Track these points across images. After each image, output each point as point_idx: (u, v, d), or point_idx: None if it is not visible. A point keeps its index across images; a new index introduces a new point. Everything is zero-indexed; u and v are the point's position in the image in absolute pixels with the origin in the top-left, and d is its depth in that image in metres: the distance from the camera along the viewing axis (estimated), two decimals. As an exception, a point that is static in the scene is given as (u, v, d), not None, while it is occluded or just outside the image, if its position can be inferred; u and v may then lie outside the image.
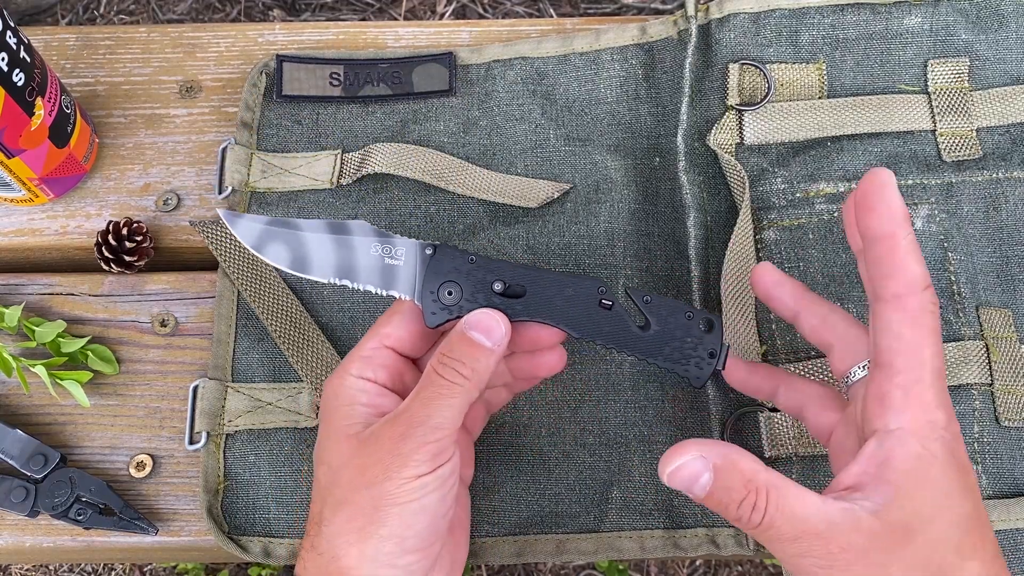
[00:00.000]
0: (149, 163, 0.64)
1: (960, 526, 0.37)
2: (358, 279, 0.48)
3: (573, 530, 0.53)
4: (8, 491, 0.53)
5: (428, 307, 0.46)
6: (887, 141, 0.60)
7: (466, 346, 0.44)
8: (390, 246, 0.48)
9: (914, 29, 0.62)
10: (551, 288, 0.46)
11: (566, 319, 0.46)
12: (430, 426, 0.43)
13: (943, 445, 0.37)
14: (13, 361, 0.56)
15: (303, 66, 0.64)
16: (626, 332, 0.46)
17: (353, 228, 0.48)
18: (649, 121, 0.63)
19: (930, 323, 0.39)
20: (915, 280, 0.39)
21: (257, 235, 0.48)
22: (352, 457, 0.44)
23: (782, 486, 0.38)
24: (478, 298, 0.46)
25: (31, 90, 0.55)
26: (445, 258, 0.47)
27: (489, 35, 0.67)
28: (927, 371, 0.38)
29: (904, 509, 0.37)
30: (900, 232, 0.40)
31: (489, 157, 0.62)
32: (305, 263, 0.48)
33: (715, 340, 0.46)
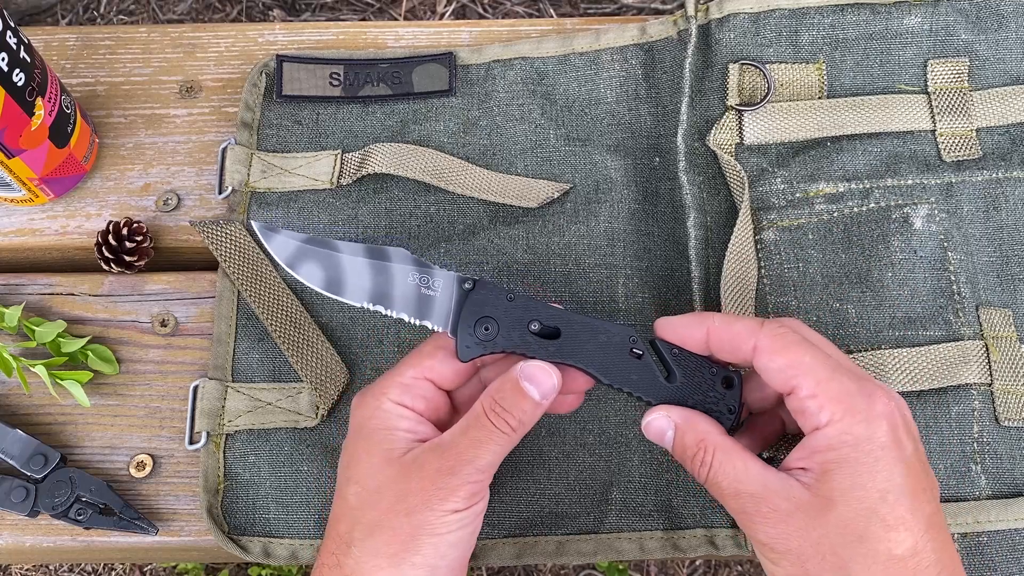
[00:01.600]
0: (149, 163, 0.64)
1: (885, 500, 0.40)
2: (392, 307, 0.48)
3: (573, 531, 0.53)
4: (8, 491, 0.53)
5: (463, 340, 0.47)
6: (887, 141, 0.60)
7: (519, 397, 0.45)
8: (428, 276, 0.48)
9: (914, 29, 0.62)
10: (585, 333, 0.47)
11: (597, 365, 0.47)
12: (476, 466, 0.44)
13: (866, 424, 0.41)
14: (13, 361, 0.56)
15: (303, 66, 0.64)
16: (653, 382, 0.47)
17: (392, 255, 0.49)
18: (649, 121, 0.63)
19: (790, 339, 0.43)
20: (749, 328, 0.44)
21: (292, 252, 0.49)
22: (392, 481, 0.44)
23: (729, 448, 0.44)
24: (514, 336, 0.47)
25: (31, 90, 0.55)
26: (483, 293, 0.47)
27: (489, 35, 0.67)
28: (820, 370, 0.42)
29: (828, 484, 0.41)
30: (709, 323, 0.45)
31: (489, 157, 0.62)
32: (340, 285, 0.48)
33: (735, 397, 0.47)
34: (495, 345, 0.46)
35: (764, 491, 0.42)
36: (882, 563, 0.40)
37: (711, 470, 0.44)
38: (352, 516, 0.44)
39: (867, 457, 0.41)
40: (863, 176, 0.59)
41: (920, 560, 0.40)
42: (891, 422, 0.41)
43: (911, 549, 0.40)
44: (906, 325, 0.54)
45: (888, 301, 0.55)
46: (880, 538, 0.40)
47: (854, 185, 0.58)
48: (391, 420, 0.46)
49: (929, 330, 0.54)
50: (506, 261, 0.58)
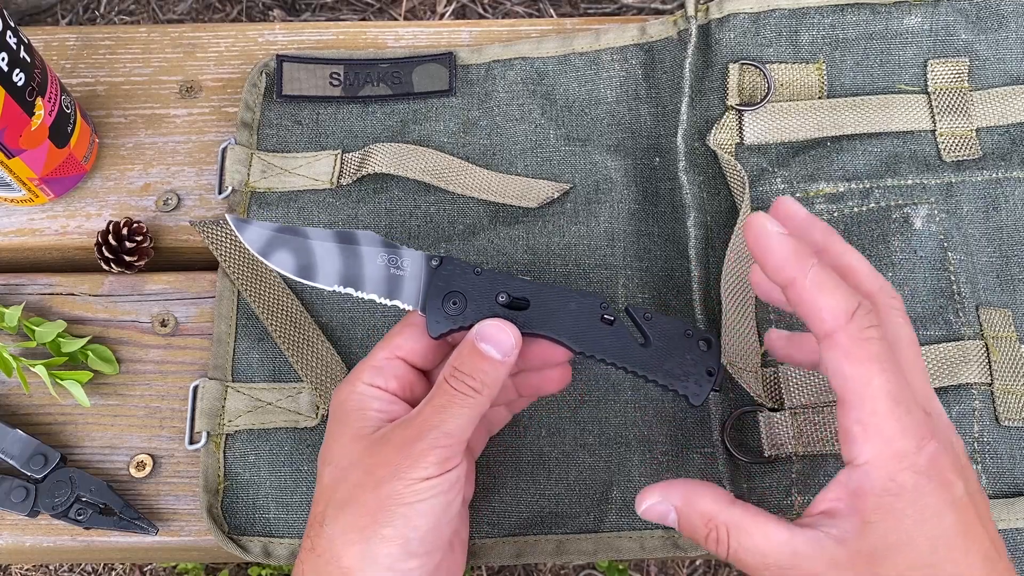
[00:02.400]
0: (149, 163, 0.64)
1: (936, 549, 0.37)
2: (363, 288, 0.49)
3: (573, 530, 0.53)
4: (8, 491, 0.53)
5: (432, 316, 0.47)
6: (887, 141, 0.60)
7: (476, 358, 0.45)
8: (396, 257, 0.48)
9: (914, 29, 0.62)
10: (554, 302, 0.47)
11: (568, 333, 0.46)
12: (442, 431, 0.43)
13: (913, 473, 0.37)
14: (13, 361, 0.56)
15: (303, 66, 0.64)
16: (627, 348, 0.46)
17: (360, 238, 0.49)
18: (649, 121, 0.63)
19: (871, 349, 0.38)
20: (835, 314, 0.39)
21: (264, 241, 0.49)
22: (361, 458, 0.44)
23: (743, 522, 0.40)
24: (482, 310, 0.47)
25: (31, 90, 0.55)
26: (450, 270, 0.47)
27: (489, 35, 0.67)
28: (880, 401, 0.38)
29: (870, 539, 0.37)
30: (798, 275, 0.39)
31: (489, 157, 0.62)
32: (310, 270, 0.49)
33: (713, 358, 0.46)
34: (464, 319, 0.47)
35: (795, 559, 0.39)
36: None
37: (731, 550, 0.40)
38: (325, 496, 0.44)
39: (912, 508, 0.37)
40: (863, 176, 0.59)
41: None
42: (939, 465, 0.38)
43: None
44: (906, 325, 0.54)
45: (888, 301, 0.55)
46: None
47: (854, 185, 0.58)
48: (363, 401, 0.46)
49: (929, 330, 0.54)
50: (506, 261, 0.58)
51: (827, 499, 0.39)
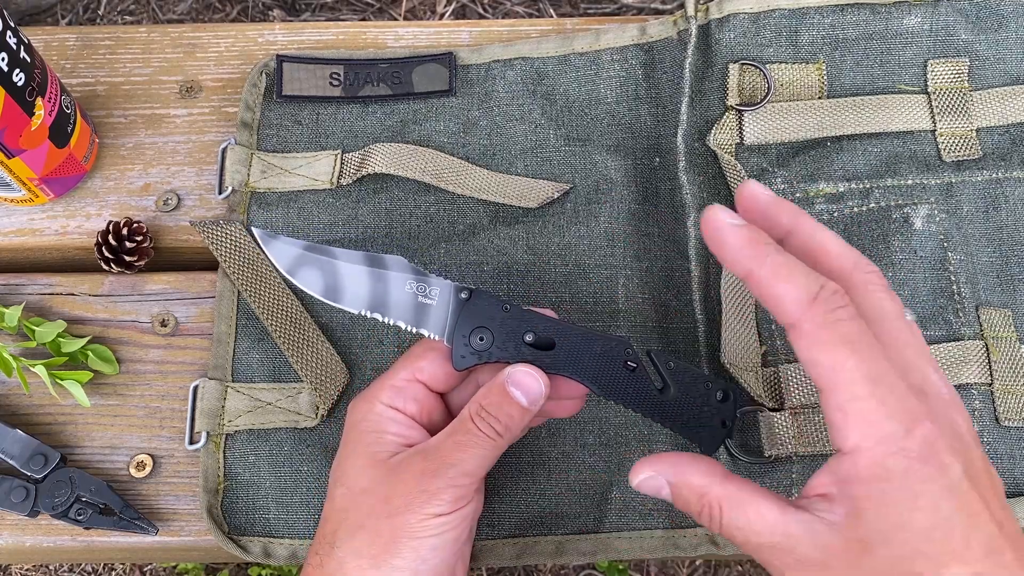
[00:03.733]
0: (149, 163, 0.64)
1: (932, 538, 0.35)
2: (389, 314, 0.49)
3: (573, 531, 0.53)
4: (8, 491, 0.53)
5: (458, 350, 0.47)
6: (887, 141, 0.60)
7: (505, 402, 0.45)
8: (425, 285, 0.49)
9: (914, 29, 0.62)
10: (580, 344, 0.47)
11: (592, 376, 0.47)
12: (460, 470, 0.44)
13: (903, 458, 0.36)
14: (13, 361, 0.56)
15: (303, 66, 0.64)
16: (647, 395, 0.47)
17: (390, 263, 0.49)
18: (649, 121, 0.63)
19: (840, 331, 0.36)
20: (797, 300, 0.37)
21: (292, 259, 0.49)
22: (377, 484, 0.44)
23: (736, 498, 0.39)
24: (508, 347, 0.47)
25: (31, 90, 0.55)
26: (479, 303, 0.48)
27: (489, 35, 0.67)
28: (858, 385, 0.36)
29: (861, 527, 0.36)
30: (754, 266, 0.38)
31: (489, 157, 0.62)
32: (338, 292, 0.49)
33: (729, 411, 0.47)
34: (490, 355, 0.47)
35: (787, 540, 0.37)
36: None
37: (723, 527, 0.39)
38: (337, 517, 0.44)
39: (904, 493, 0.35)
40: (863, 176, 0.59)
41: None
42: (934, 447, 0.36)
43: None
44: (906, 325, 0.54)
45: (888, 301, 0.55)
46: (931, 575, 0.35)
47: (854, 185, 0.58)
48: (381, 423, 0.46)
49: (929, 330, 0.54)
50: (506, 261, 0.58)
51: (821, 483, 0.38)
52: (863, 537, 0.36)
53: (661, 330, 0.57)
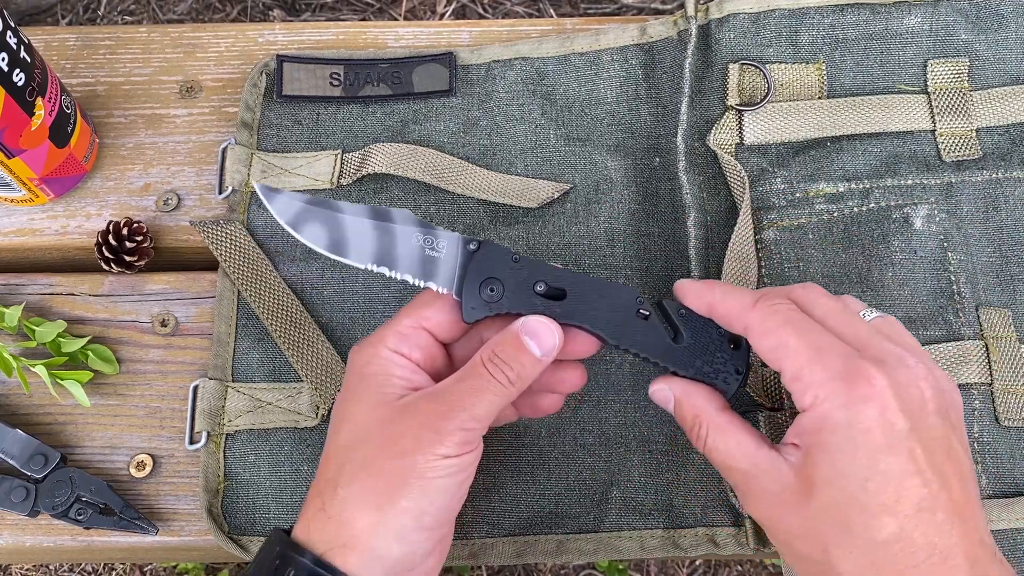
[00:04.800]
0: (149, 163, 0.64)
1: (865, 487, 0.39)
2: (396, 268, 0.48)
3: (573, 530, 0.53)
4: (8, 491, 0.53)
5: (468, 302, 0.47)
6: (887, 141, 0.60)
7: (518, 350, 0.45)
8: (432, 237, 0.48)
9: (914, 29, 0.62)
10: (591, 294, 0.47)
11: (604, 325, 0.47)
12: (471, 414, 0.43)
13: (845, 410, 0.40)
14: (13, 361, 0.56)
15: (303, 66, 0.64)
16: (660, 343, 0.47)
17: (395, 216, 0.49)
18: (649, 121, 0.63)
19: (780, 317, 0.43)
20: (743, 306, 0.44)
21: (294, 213, 0.48)
22: (385, 423, 0.44)
23: (723, 425, 0.45)
24: (519, 298, 0.47)
25: (31, 90, 0.55)
26: (488, 255, 0.47)
27: (489, 35, 0.67)
28: (803, 353, 0.41)
29: (810, 468, 0.41)
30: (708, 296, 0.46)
31: (489, 157, 0.62)
32: (342, 246, 0.48)
33: (741, 358, 0.47)
34: (500, 306, 0.46)
35: (754, 470, 0.43)
36: (862, 548, 0.39)
37: (705, 445, 0.45)
38: (341, 456, 0.44)
39: (847, 443, 0.40)
40: (863, 176, 0.59)
41: (906, 544, 0.39)
42: (879, 403, 0.40)
43: (895, 535, 0.39)
44: (906, 325, 0.54)
45: (888, 301, 0.55)
46: (861, 524, 0.39)
47: (854, 185, 0.58)
48: (387, 366, 0.46)
49: (929, 330, 0.54)
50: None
51: (789, 435, 0.43)
52: (810, 478, 0.41)
53: (661, 330, 0.57)
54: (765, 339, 0.43)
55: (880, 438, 0.39)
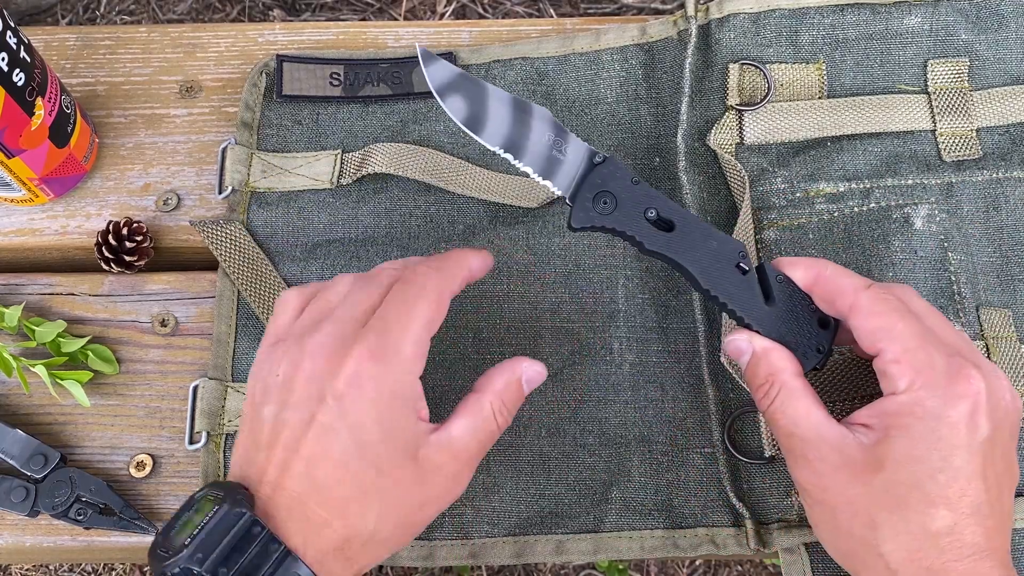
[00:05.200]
0: (149, 163, 0.64)
1: (935, 478, 0.40)
2: (522, 158, 0.49)
3: (573, 530, 0.53)
4: (8, 491, 0.53)
5: (580, 209, 0.47)
6: (887, 141, 0.60)
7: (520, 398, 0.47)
8: (562, 141, 0.49)
9: (914, 29, 0.62)
10: (697, 235, 0.47)
11: (701, 268, 0.47)
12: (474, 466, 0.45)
13: (940, 401, 0.41)
14: (13, 361, 0.56)
15: (303, 66, 0.64)
16: (752, 301, 0.47)
17: (535, 111, 0.49)
18: (649, 121, 0.63)
19: (890, 305, 0.44)
20: (855, 287, 0.45)
21: (445, 81, 0.49)
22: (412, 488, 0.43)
23: (795, 390, 0.45)
24: (631, 217, 0.47)
25: (31, 90, 0.55)
26: (610, 169, 0.48)
27: (489, 35, 0.67)
28: (909, 339, 0.43)
29: (882, 449, 0.42)
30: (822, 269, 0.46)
31: (489, 157, 0.62)
32: (479, 124, 0.48)
33: (827, 338, 0.47)
34: (610, 220, 0.47)
35: (817, 440, 0.43)
36: (913, 533, 0.40)
37: (772, 405, 0.45)
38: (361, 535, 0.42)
39: (930, 433, 0.41)
40: (863, 176, 0.59)
41: (956, 539, 0.40)
42: (972, 403, 0.41)
43: (948, 528, 0.40)
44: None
45: (888, 301, 0.55)
46: (918, 510, 0.40)
47: (854, 185, 0.58)
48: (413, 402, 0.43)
49: (929, 330, 0.54)
50: (506, 261, 0.58)
51: (864, 415, 0.43)
52: (881, 456, 0.41)
53: (661, 330, 0.57)
54: (872, 319, 0.44)
55: (963, 436, 0.41)
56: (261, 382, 0.43)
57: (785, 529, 0.51)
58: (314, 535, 0.40)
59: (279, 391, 0.42)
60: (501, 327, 0.57)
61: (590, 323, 0.57)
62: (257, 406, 0.43)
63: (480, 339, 0.57)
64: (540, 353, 0.56)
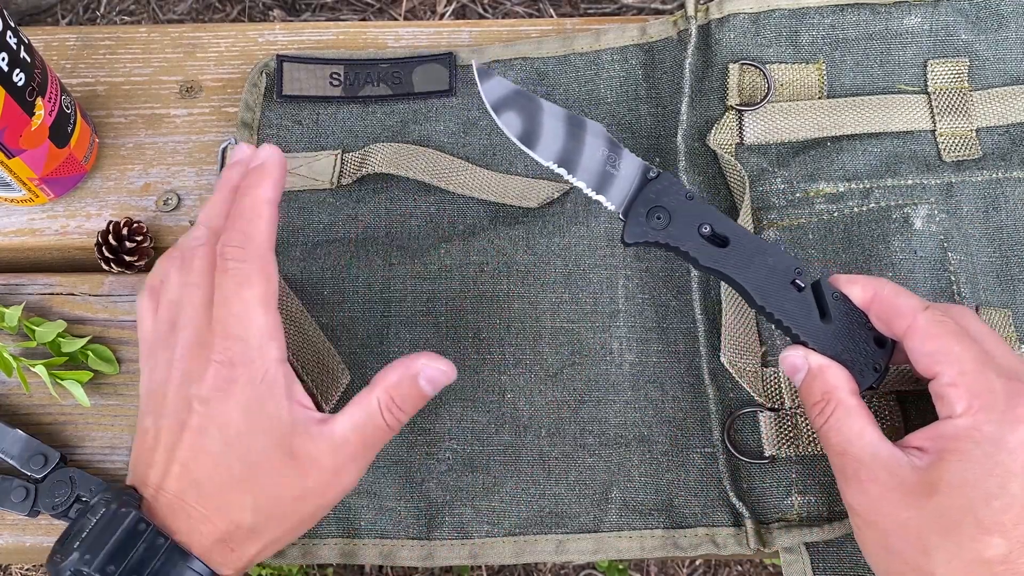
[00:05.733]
0: (149, 163, 0.64)
1: (989, 504, 0.40)
2: (575, 173, 0.50)
3: (573, 530, 0.53)
4: (8, 491, 0.53)
5: (634, 225, 0.48)
6: (887, 141, 0.60)
7: (417, 397, 0.45)
8: (616, 156, 0.50)
9: (914, 29, 0.62)
10: (753, 250, 0.47)
11: (756, 285, 0.47)
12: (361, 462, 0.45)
13: (998, 425, 0.40)
14: (13, 361, 0.56)
15: (303, 66, 0.64)
16: (808, 318, 0.47)
17: (588, 127, 0.51)
18: (649, 121, 0.63)
19: (947, 328, 0.44)
20: (912, 307, 0.45)
21: (500, 97, 0.50)
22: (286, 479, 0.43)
23: (852, 409, 0.45)
24: (685, 233, 0.48)
25: (31, 90, 0.55)
26: (663, 185, 0.49)
27: (489, 35, 0.67)
28: (967, 363, 0.42)
29: (937, 472, 0.41)
30: (879, 288, 0.46)
31: (489, 157, 0.62)
32: (533, 139, 0.50)
33: (883, 356, 0.47)
34: (666, 235, 0.48)
35: (871, 460, 0.43)
36: (966, 559, 0.40)
37: (827, 423, 0.45)
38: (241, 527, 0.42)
39: (988, 458, 0.40)
40: (863, 176, 0.59)
41: (1010, 567, 0.39)
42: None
43: (1002, 556, 0.39)
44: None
45: (888, 301, 0.55)
46: (972, 537, 0.40)
47: (854, 185, 0.58)
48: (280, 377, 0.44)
49: (929, 330, 0.54)
50: (506, 261, 0.58)
51: (917, 439, 0.43)
52: (935, 480, 0.41)
53: (661, 330, 0.57)
54: (929, 342, 0.44)
55: (1021, 463, 0.40)
56: (144, 392, 0.45)
57: (785, 529, 0.51)
58: (196, 530, 0.41)
59: (155, 401, 0.44)
60: (501, 327, 0.57)
61: (590, 323, 0.57)
62: (142, 416, 0.45)
63: (480, 339, 0.57)
64: (540, 353, 0.56)
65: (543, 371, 0.56)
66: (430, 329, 0.57)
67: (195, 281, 0.44)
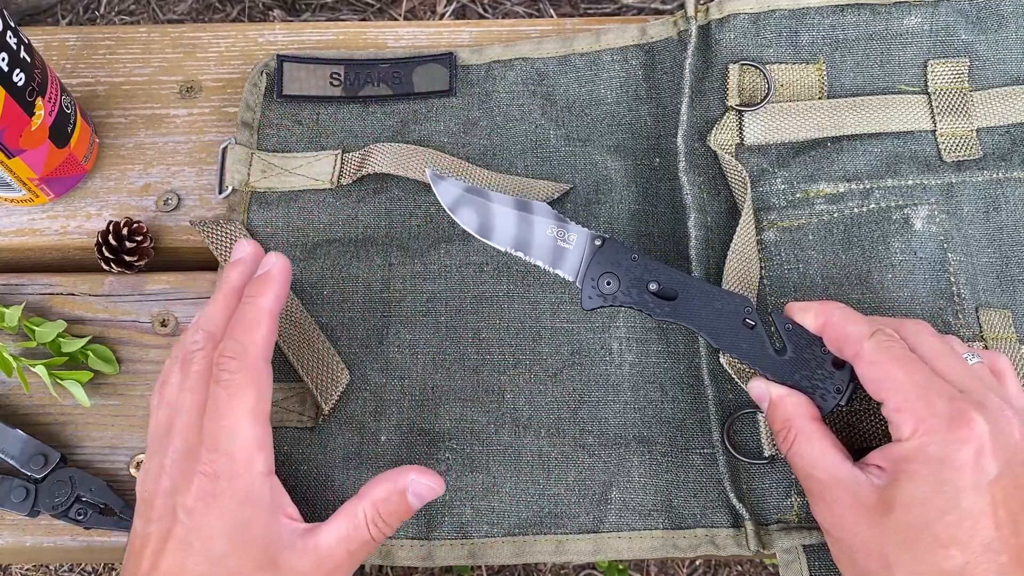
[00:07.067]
0: (149, 163, 0.64)
1: (942, 519, 0.41)
2: (531, 254, 0.54)
3: (572, 530, 0.53)
4: (8, 491, 0.53)
5: (587, 292, 0.52)
6: (887, 141, 0.60)
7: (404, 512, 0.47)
8: (564, 230, 0.54)
9: (914, 29, 0.62)
10: (701, 298, 0.51)
11: (709, 329, 0.51)
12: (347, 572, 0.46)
13: (942, 446, 0.42)
14: (13, 361, 0.56)
15: (303, 66, 0.64)
16: (763, 353, 0.50)
17: (535, 209, 0.55)
18: (649, 122, 0.63)
19: (892, 353, 0.45)
20: (860, 335, 0.46)
21: (454, 199, 0.56)
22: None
23: (811, 434, 0.47)
24: (633, 293, 0.52)
25: (31, 90, 0.55)
26: (610, 250, 0.52)
27: (489, 35, 0.67)
28: (909, 389, 0.44)
29: (892, 490, 0.43)
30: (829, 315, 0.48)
31: (489, 157, 0.62)
32: (489, 231, 0.55)
33: (844, 378, 0.48)
34: (615, 299, 0.52)
35: (832, 481, 0.45)
36: (926, 572, 0.42)
37: (790, 449, 0.47)
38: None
39: (934, 477, 0.42)
40: (863, 176, 0.59)
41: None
42: (976, 447, 0.42)
43: (959, 567, 0.41)
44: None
45: (888, 303, 0.55)
46: (930, 550, 0.41)
47: (854, 185, 0.58)
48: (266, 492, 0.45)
49: (929, 330, 0.54)
50: (506, 261, 0.58)
51: (874, 458, 0.45)
52: (891, 498, 0.43)
53: (660, 330, 0.57)
54: (874, 369, 0.45)
55: (968, 478, 0.41)
56: (138, 495, 0.46)
57: (784, 531, 0.51)
58: None
59: (145, 506, 0.45)
60: (501, 327, 0.57)
61: (590, 323, 0.57)
62: (135, 517, 0.46)
63: (480, 339, 0.57)
64: (539, 353, 0.56)
65: (543, 371, 0.56)
66: (430, 329, 0.57)
67: (190, 386, 0.46)
